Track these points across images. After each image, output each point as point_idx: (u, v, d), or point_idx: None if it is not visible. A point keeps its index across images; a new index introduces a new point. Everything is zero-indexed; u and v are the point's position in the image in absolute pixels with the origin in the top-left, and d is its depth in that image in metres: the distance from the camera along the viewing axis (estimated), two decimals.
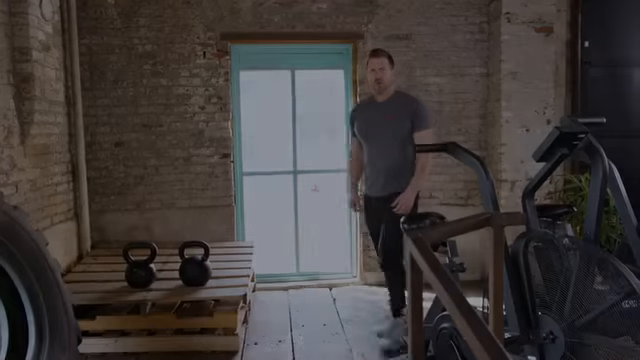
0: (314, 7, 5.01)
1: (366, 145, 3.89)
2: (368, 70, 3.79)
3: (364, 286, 5.17)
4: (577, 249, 2.35)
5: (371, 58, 3.78)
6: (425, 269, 1.29)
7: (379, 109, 3.81)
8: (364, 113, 3.93)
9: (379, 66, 3.72)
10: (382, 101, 3.84)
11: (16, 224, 2.85)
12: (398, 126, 3.72)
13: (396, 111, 3.74)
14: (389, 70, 3.77)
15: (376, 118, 3.79)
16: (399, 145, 3.74)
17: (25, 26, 3.70)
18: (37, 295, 2.88)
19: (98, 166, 4.91)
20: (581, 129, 2.36)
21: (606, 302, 2.21)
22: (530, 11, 4.91)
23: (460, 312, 1.01)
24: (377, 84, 3.75)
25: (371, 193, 3.92)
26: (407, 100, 3.84)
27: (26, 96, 3.74)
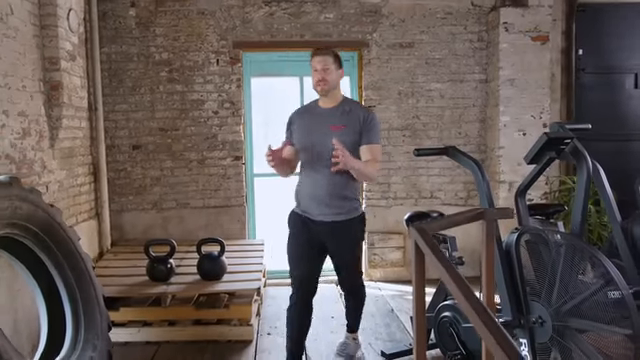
0: (321, 17, 5.29)
1: (304, 157, 3.21)
2: (312, 71, 3.16)
3: (369, 282, 5.43)
4: (564, 242, 2.61)
5: (314, 57, 3.16)
6: (427, 253, 1.55)
7: (323, 117, 3.16)
8: (305, 119, 3.25)
9: (322, 65, 3.10)
10: (327, 107, 3.19)
11: (53, 221, 3.13)
12: (344, 138, 2.99)
13: (343, 120, 3.10)
14: (334, 71, 3.13)
15: (319, 127, 3.13)
16: None
17: (54, 38, 3.97)
18: (72, 286, 3.16)
19: (117, 168, 5.18)
20: (567, 134, 2.63)
21: (588, 290, 2.47)
22: (527, 21, 5.18)
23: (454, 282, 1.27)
24: (320, 85, 3.11)
25: (310, 215, 3.17)
26: (356, 109, 3.21)
27: (55, 103, 4.01)
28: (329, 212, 3.11)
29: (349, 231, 3.17)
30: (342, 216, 3.13)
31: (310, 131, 3.17)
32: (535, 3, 5.17)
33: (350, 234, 3.19)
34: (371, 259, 5.46)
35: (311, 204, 3.16)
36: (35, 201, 3.00)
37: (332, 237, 3.15)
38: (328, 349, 3.84)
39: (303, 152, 3.20)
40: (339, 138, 2.92)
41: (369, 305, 4.73)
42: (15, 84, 3.53)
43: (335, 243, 3.18)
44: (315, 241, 3.18)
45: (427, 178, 5.49)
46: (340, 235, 3.14)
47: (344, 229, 3.14)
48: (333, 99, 3.19)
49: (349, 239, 3.20)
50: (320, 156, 3.08)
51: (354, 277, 3.39)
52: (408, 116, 5.42)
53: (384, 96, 5.38)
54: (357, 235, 3.26)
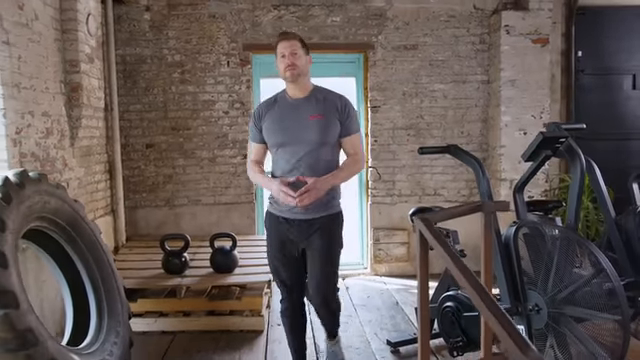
0: (328, 20, 5.46)
1: (281, 154, 2.86)
2: (278, 57, 2.85)
3: (374, 276, 5.62)
4: (559, 235, 2.79)
5: (280, 42, 2.86)
6: (431, 241, 1.73)
7: (298, 107, 2.83)
8: (277, 113, 2.88)
9: (290, 50, 2.81)
10: (300, 97, 2.87)
11: (77, 215, 3.32)
12: (326, 128, 2.78)
13: (319, 109, 2.81)
14: (303, 55, 2.86)
15: (295, 118, 2.81)
16: (327, 153, 2.83)
17: (74, 41, 4.16)
18: (96, 277, 3.35)
19: (131, 166, 5.37)
20: (562, 134, 2.80)
21: (581, 279, 2.65)
22: (527, 24, 5.34)
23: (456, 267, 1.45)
24: (289, 71, 2.79)
25: (288, 214, 2.87)
26: (330, 96, 2.89)
27: (75, 103, 4.20)
28: (307, 210, 2.79)
29: (326, 229, 2.86)
30: (317, 213, 2.82)
31: (285, 124, 2.82)
32: (535, 7, 5.33)
33: (327, 233, 2.87)
34: (376, 254, 5.63)
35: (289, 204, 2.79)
36: (62, 196, 3.20)
37: (308, 236, 2.85)
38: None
39: (279, 149, 2.86)
40: (320, 128, 2.75)
41: (375, 298, 4.93)
42: (39, 86, 3.72)
43: (310, 244, 2.87)
44: (294, 243, 2.91)
45: (431, 176, 5.66)
46: (316, 234, 2.84)
47: (321, 226, 2.84)
48: (303, 88, 2.87)
49: (326, 239, 2.86)
50: (298, 151, 2.79)
51: (328, 288, 2.97)
52: (412, 116, 5.59)
53: (389, 96, 5.56)
54: (335, 235, 2.93)
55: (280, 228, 2.92)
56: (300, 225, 2.85)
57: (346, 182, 2.98)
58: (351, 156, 2.89)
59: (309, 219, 2.83)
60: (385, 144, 5.60)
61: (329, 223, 2.88)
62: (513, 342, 1.02)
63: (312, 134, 2.77)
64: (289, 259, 2.95)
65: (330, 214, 2.89)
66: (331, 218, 2.90)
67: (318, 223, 2.84)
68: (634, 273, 3.23)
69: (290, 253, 2.94)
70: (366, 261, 5.78)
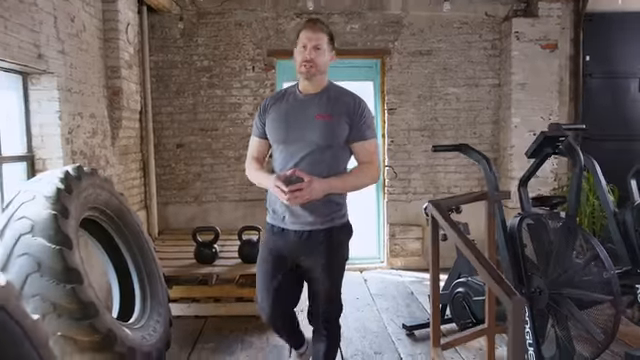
0: (348, 27, 5.80)
1: (281, 152, 2.58)
2: (298, 45, 2.54)
3: (391, 270, 5.94)
4: (559, 225, 3.09)
5: (305, 30, 2.53)
6: (442, 223, 2.05)
7: (305, 104, 2.55)
8: (282, 108, 2.60)
9: (315, 42, 2.48)
10: (310, 94, 2.57)
11: (123, 206, 3.69)
12: (332, 130, 2.49)
13: (330, 109, 2.51)
14: (327, 52, 2.55)
15: (300, 116, 2.54)
16: (331, 157, 2.53)
17: (116, 49, 4.54)
18: (139, 263, 3.71)
19: (163, 164, 5.75)
20: (562, 133, 3.10)
21: (578, 264, 2.95)
22: (537, 30, 5.63)
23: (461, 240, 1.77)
24: (306, 67, 2.49)
25: (286, 224, 2.56)
26: (344, 95, 2.58)
27: (116, 106, 4.58)
28: (306, 219, 2.49)
29: (330, 243, 2.52)
30: (320, 224, 2.50)
31: (289, 122, 2.54)
32: (545, 14, 5.62)
33: (331, 248, 2.53)
34: (392, 249, 5.95)
35: (286, 209, 2.51)
36: (110, 189, 3.57)
37: (308, 252, 2.52)
38: (356, 323, 4.33)
39: (279, 147, 2.58)
40: (325, 130, 2.46)
41: (391, 289, 5.25)
42: (87, 90, 4.10)
43: (311, 260, 2.54)
44: (290, 262, 2.57)
45: (444, 175, 5.96)
46: (318, 249, 2.51)
47: (324, 240, 2.51)
48: (317, 84, 2.56)
49: (329, 254, 2.53)
50: (299, 151, 2.50)
51: (331, 309, 2.66)
52: (427, 118, 5.90)
53: (405, 99, 5.87)
54: (339, 250, 2.58)
55: (275, 240, 2.57)
56: (299, 238, 2.50)
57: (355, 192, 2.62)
58: (364, 164, 2.55)
59: (309, 231, 2.49)
60: (401, 144, 5.92)
61: (334, 237, 2.52)
62: (501, 289, 1.34)
63: (315, 135, 2.47)
64: (278, 285, 2.58)
65: (335, 226, 2.53)
66: (336, 231, 2.53)
67: (321, 237, 2.49)
68: (631, 262, 3.50)
69: (283, 273, 2.57)
70: (383, 255, 6.10)
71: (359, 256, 6.15)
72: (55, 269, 2.67)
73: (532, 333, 3.07)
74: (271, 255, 2.61)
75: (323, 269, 2.55)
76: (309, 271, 2.59)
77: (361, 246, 6.29)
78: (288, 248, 2.56)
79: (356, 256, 6.12)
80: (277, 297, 2.62)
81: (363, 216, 6.29)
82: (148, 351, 3.20)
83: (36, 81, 3.55)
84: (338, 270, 2.60)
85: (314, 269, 2.56)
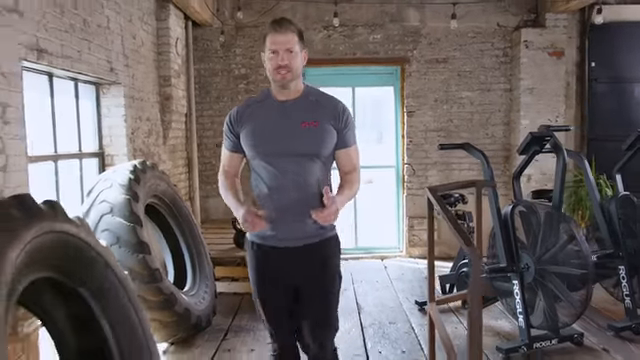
0: (370, 38, 6.41)
1: (265, 167, 2.28)
2: (266, 52, 2.27)
3: (409, 258, 6.52)
4: (545, 211, 3.64)
5: (272, 34, 2.24)
6: (433, 200, 2.64)
7: (288, 111, 2.29)
8: (260, 116, 2.32)
9: (285, 46, 2.21)
10: (289, 100, 2.31)
11: (176, 196, 4.37)
12: (320, 138, 2.27)
13: (315, 115, 2.28)
14: (299, 53, 2.27)
15: (283, 125, 2.27)
16: (321, 168, 2.31)
17: (167, 61, 5.24)
18: (190, 244, 4.39)
19: (205, 162, 6.44)
20: (547, 133, 3.64)
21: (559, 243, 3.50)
22: (544, 39, 6.14)
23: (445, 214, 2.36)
24: (282, 74, 2.22)
25: (276, 242, 2.30)
26: (325, 99, 2.36)
27: (167, 110, 5.28)
28: (297, 234, 2.28)
29: (323, 260, 2.34)
30: (315, 237, 2.30)
31: (271, 132, 2.27)
32: (552, 24, 6.13)
33: (325, 264, 2.34)
34: (410, 239, 6.53)
35: (275, 227, 2.25)
36: (166, 180, 4.26)
37: (301, 268, 2.31)
38: (375, 300, 4.94)
39: (262, 161, 2.28)
40: (313, 138, 2.24)
41: (408, 274, 5.83)
42: (144, 97, 4.80)
43: (304, 277, 2.34)
44: (286, 278, 2.35)
45: (459, 172, 6.51)
46: (311, 264, 2.31)
47: (316, 255, 2.32)
48: (294, 89, 2.30)
49: (323, 272, 2.34)
50: (285, 164, 2.24)
51: (325, 335, 2.44)
52: (443, 120, 6.46)
53: (422, 103, 6.45)
54: (332, 265, 2.37)
55: (267, 261, 2.33)
56: (292, 255, 2.29)
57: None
58: (349, 174, 2.36)
59: (300, 247, 2.28)
60: (419, 144, 6.49)
61: (327, 250, 2.35)
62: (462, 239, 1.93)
63: (303, 145, 2.23)
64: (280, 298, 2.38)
65: (328, 238, 2.34)
66: (329, 243, 2.35)
67: (314, 251, 2.30)
68: (614, 246, 4.03)
69: (281, 290, 2.37)
70: (402, 245, 6.68)
71: (380, 245, 6.77)
72: (130, 242, 3.36)
73: (522, 304, 3.63)
74: (264, 275, 2.36)
75: (319, 288, 2.34)
76: (303, 289, 2.35)
77: (382, 236, 6.93)
78: (281, 267, 2.31)
79: (377, 245, 6.76)
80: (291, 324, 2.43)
81: (384, 209, 6.90)
82: (199, 314, 3.88)
83: (106, 90, 4.26)
84: (335, 288, 2.39)
85: (309, 288, 2.34)
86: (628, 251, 4.02)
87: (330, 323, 2.43)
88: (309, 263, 2.31)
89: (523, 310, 3.62)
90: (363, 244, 6.75)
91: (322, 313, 2.39)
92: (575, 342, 3.70)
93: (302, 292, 2.36)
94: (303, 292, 2.36)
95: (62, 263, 2.27)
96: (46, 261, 2.14)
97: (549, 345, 3.61)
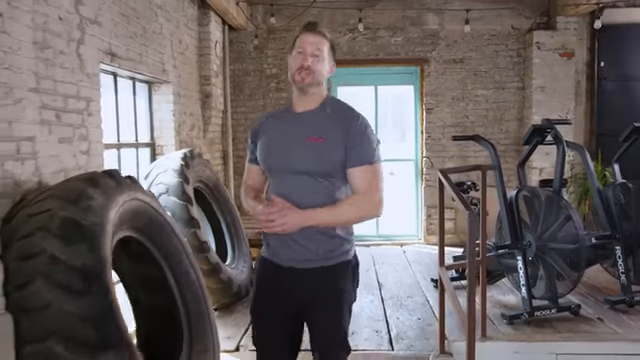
0: (392, 40, 6.91)
1: (273, 183, 2.19)
2: (294, 52, 2.17)
3: (427, 245, 7.00)
4: (546, 195, 4.10)
5: (304, 34, 2.15)
6: (444, 181, 3.14)
7: (299, 124, 2.15)
8: (274, 128, 2.21)
9: (313, 48, 2.11)
10: (303, 111, 2.16)
11: (218, 182, 4.94)
12: (322, 155, 2.06)
13: (323, 129, 2.09)
14: (327, 60, 2.17)
15: (290, 138, 2.12)
16: (329, 187, 2.09)
17: (207, 62, 5.82)
18: (230, 225, 4.95)
19: (238, 154, 7.01)
20: (548, 126, 4.11)
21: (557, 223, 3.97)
22: (555, 41, 6.57)
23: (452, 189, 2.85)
24: (301, 75, 2.10)
25: (281, 260, 2.14)
26: (341, 111, 2.18)
27: (207, 107, 5.86)
28: (304, 255, 2.09)
29: (333, 285, 2.12)
30: (322, 261, 2.09)
31: (279, 145, 2.14)
32: (562, 27, 6.56)
33: (335, 289, 2.13)
34: (428, 227, 7.01)
35: (281, 244, 2.11)
36: (210, 168, 4.82)
37: (308, 294, 2.12)
38: (394, 279, 5.44)
39: (270, 173, 2.19)
40: (314, 155, 2.05)
41: (425, 258, 6.31)
42: (188, 95, 5.38)
43: (312, 304, 2.14)
44: (290, 305, 2.15)
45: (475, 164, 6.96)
46: (320, 291, 2.12)
47: (326, 281, 2.11)
48: (313, 99, 2.16)
49: (333, 298, 2.13)
50: (288, 181, 2.09)
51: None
52: (459, 116, 6.93)
53: (440, 100, 6.92)
54: (345, 292, 2.15)
55: (273, 279, 2.16)
56: (296, 277, 2.11)
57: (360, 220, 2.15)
58: (359, 195, 2.08)
59: (309, 269, 2.09)
60: (437, 139, 6.97)
61: (338, 276, 2.12)
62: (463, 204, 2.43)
63: (303, 161, 2.05)
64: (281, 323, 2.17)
65: (341, 262, 2.13)
66: (341, 269, 2.13)
67: (323, 276, 2.10)
68: (611, 229, 4.46)
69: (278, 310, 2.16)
70: (420, 233, 7.17)
71: (400, 233, 7.27)
72: (183, 218, 3.93)
73: (525, 277, 4.09)
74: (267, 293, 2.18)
75: (323, 314, 2.14)
76: (308, 316, 2.17)
77: (402, 225, 7.42)
78: (289, 289, 2.13)
79: (397, 233, 7.26)
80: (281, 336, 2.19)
81: (404, 199, 7.39)
82: (239, 284, 4.44)
83: (157, 88, 4.84)
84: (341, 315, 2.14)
85: (313, 313, 2.15)
86: (624, 233, 4.44)
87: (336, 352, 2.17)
88: (314, 287, 2.10)
89: (526, 282, 4.08)
90: (384, 232, 7.25)
91: (328, 343, 2.16)
92: (572, 312, 4.15)
93: (307, 321, 2.19)
94: (308, 320, 2.19)
95: (140, 226, 2.82)
96: (130, 223, 2.70)
97: (549, 314, 4.07)
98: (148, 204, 2.88)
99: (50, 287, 2.04)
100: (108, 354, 2.06)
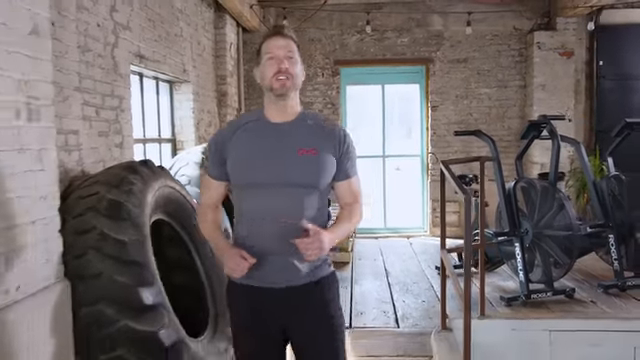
0: (398, 41, 7.21)
1: (249, 198, 1.96)
2: (263, 59, 1.99)
3: (433, 237, 7.29)
4: (541, 186, 4.40)
5: (271, 38, 2.00)
6: (445, 172, 3.44)
7: (282, 135, 1.96)
8: (250, 139, 1.98)
9: (285, 51, 1.96)
10: (282, 122, 1.99)
11: None
12: (319, 168, 1.96)
13: (314, 141, 1.96)
14: (299, 63, 2.02)
15: (277, 151, 1.95)
16: (318, 200, 1.98)
17: (223, 63, 6.15)
18: None
19: None
20: (543, 121, 4.40)
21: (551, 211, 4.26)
22: (555, 40, 6.85)
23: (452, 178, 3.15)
24: (281, 80, 1.93)
25: (262, 282, 1.95)
26: (327, 125, 2.05)
27: (223, 105, 6.19)
28: (287, 274, 1.94)
29: (320, 301, 1.99)
30: (306, 277, 1.95)
31: (262, 157, 1.95)
32: (562, 27, 6.83)
33: (324, 309, 2.00)
34: (433, 220, 7.31)
35: (260, 265, 1.91)
36: None
37: (294, 314, 1.98)
38: (401, 267, 5.76)
39: (250, 191, 1.96)
40: (311, 168, 1.94)
41: (430, 249, 6.61)
42: (206, 93, 5.71)
43: (298, 325, 1.99)
44: (272, 330, 2.00)
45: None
46: (306, 309, 1.98)
47: (312, 297, 1.97)
48: (290, 109, 2.01)
49: (320, 315, 2.00)
50: (278, 196, 1.92)
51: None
52: (463, 113, 7.22)
53: (445, 98, 7.22)
54: (333, 311, 2.02)
55: (252, 303, 1.99)
56: (280, 298, 1.95)
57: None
58: (350, 205, 2.05)
59: (294, 287, 1.94)
60: (442, 135, 7.26)
61: (325, 291, 2.00)
62: (459, 188, 2.73)
63: (298, 174, 1.93)
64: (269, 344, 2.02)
65: (324, 276, 2.00)
66: (327, 283, 2.01)
67: (309, 292, 1.96)
68: (604, 218, 4.74)
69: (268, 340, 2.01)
70: (426, 225, 7.48)
71: (407, 226, 7.58)
72: None
73: (522, 262, 4.39)
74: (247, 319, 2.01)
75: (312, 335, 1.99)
76: (295, 339, 2.02)
77: (408, 218, 7.72)
78: (271, 313, 1.97)
79: (404, 226, 7.56)
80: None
81: (410, 194, 7.69)
82: None
83: (178, 88, 5.17)
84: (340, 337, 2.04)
85: (301, 335, 2.01)
86: (617, 222, 4.72)
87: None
88: (299, 306, 1.95)
89: (523, 267, 4.37)
90: (391, 225, 7.56)
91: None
92: (567, 295, 4.44)
93: (295, 342, 2.02)
94: (296, 342, 2.02)
95: (171, 210, 3.15)
96: (163, 207, 3.02)
97: (545, 297, 4.36)
98: (178, 191, 3.20)
99: (101, 258, 2.37)
100: (149, 315, 2.38)
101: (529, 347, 3.75)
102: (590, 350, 3.76)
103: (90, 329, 2.34)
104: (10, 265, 1.97)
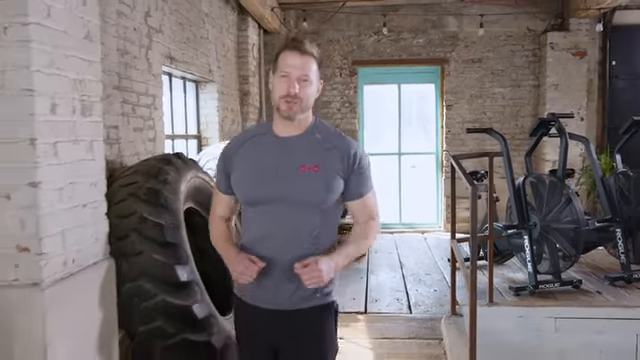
0: (414, 42, 7.43)
1: (256, 217, 1.92)
2: (276, 72, 1.91)
3: (447, 233, 7.47)
4: (550, 181, 4.60)
5: (290, 54, 1.89)
6: (455, 166, 3.67)
7: (286, 150, 1.91)
8: (253, 153, 1.94)
9: (300, 71, 1.85)
10: (290, 137, 1.92)
11: None
12: (321, 186, 1.86)
13: (318, 157, 1.88)
14: (315, 82, 1.92)
15: (279, 167, 1.89)
16: (323, 219, 1.90)
17: (246, 63, 6.43)
18: None
19: None
20: (552, 118, 4.60)
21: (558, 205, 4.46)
22: (568, 41, 7.01)
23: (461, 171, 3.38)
24: (288, 104, 1.84)
25: (263, 302, 1.93)
26: (334, 139, 1.94)
27: (245, 103, 6.47)
28: (284, 296, 1.90)
29: (315, 331, 1.94)
30: (302, 302, 1.90)
31: (263, 175, 1.89)
32: (575, 28, 7.00)
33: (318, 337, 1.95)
34: (447, 216, 7.46)
35: (262, 284, 1.89)
36: None
37: (285, 338, 1.95)
38: (415, 260, 6.00)
39: (251, 209, 1.93)
40: (313, 186, 1.85)
41: (444, 243, 6.82)
42: (229, 92, 6.00)
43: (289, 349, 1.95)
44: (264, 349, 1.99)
45: None
46: (301, 337, 1.93)
47: (307, 325, 1.93)
48: (299, 123, 1.92)
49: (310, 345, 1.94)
50: (277, 214, 1.87)
51: None
52: (477, 112, 7.42)
53: (459, 97, 7.42)
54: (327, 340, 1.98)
55: (251, 321, 2.00)
56: (275, 321, 1.93)
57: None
58: (365, 223, 1.99)
59: (289, 311, 1.91)
60: (456, 134, 7.47)
61: (320, 320, 1.95)
62: (467, 181, 2.96)
63: (299, 192, 1.85)
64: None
65: (322, 304, 1.94)
66: (322, 311, 1.95)
67: (304, 319, 1.92)
68: (612, 213, 4.91)
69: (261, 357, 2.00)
70: (440, 221, 7.69)
71: (421, 222, 7.80)
72: None
73: (530, 254, 4.59)
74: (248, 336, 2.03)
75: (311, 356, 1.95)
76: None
77: (423, 214, 7.94)
78: (267, 334, 1.96)
79: (419, 221, 7.78)
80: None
81: (425, 190, 7.91)
82: None
83: (204, 87, 5.46)
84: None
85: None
86: (624, 217, 4.89)
87: None
88: (294, 333, 1.92)
89: (531, 259, 4.57)
90: (406, 220, 7.79)
91: None
92: (574, 286, 4.62)
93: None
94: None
95: (201, 200, 3.42)
96: (194, 197, 3.30)
97: (552, 287, 4.55)
98: (207, 182, 3.47)
99: (141, 239, 2.65)
100: (184, 291, 2.66)
101: (535, 333, 3.97)
102: (594, 337, 3.97)
103: (132, 302, 2.62)
104: (67, 241, 2.26)
